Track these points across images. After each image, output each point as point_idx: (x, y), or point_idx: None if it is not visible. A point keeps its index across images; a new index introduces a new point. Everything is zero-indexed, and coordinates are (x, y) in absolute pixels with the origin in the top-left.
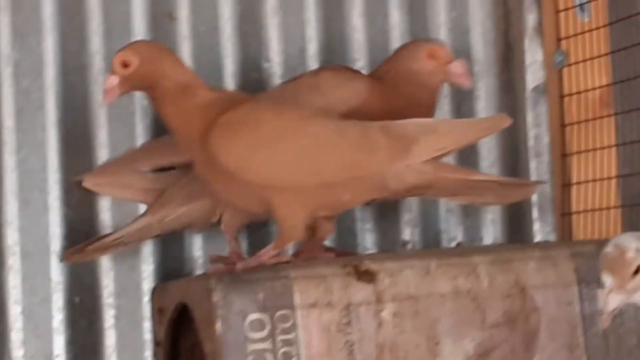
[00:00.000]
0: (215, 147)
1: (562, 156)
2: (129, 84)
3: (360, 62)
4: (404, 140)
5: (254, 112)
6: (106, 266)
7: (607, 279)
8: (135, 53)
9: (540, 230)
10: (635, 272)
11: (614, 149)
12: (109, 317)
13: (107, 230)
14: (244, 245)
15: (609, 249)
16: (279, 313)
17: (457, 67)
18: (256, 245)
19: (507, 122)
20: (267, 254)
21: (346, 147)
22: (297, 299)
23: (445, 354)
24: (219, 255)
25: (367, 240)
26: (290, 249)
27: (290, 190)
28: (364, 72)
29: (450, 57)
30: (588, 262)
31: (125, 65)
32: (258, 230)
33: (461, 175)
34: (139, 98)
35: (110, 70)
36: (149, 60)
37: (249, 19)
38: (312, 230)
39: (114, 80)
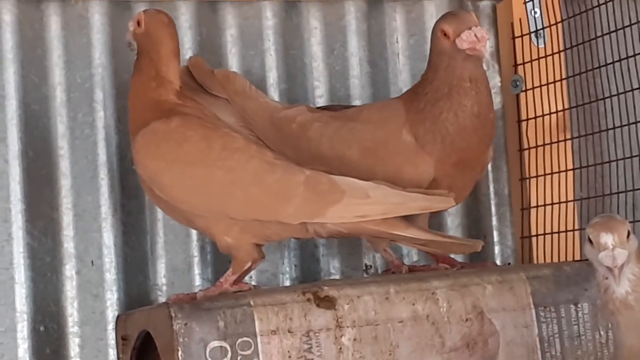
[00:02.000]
0: (135, 151)
1: (520, 180)
2: (132, 38)
3: (320, 89)
4: (324, 199)
5: (182, 127)
6: (70, 295)
7: (609, 237)
8: (147, 22)
9: (501, 253)
10: (627, 237)
11: (571, 173)
12: (73, 346)
13: (71, 260)
14: (208, 272)
15: (596, 219)
16: (239, 340)
17: (461, 42)
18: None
19: (450, 203)
20: (226, 280)
21: (259, 189)
22: (258, 326)
23: None
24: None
25: (330, 264)
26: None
27: (203, 217)
28: (323, 99)
29: (459, 30)
30: (544, 286)
31: (137, 24)
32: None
33: (385, 228)
34: (101, 128)
35: None
36: (150, 35)
37: (209, 49)
38: None
39: (130, 27)
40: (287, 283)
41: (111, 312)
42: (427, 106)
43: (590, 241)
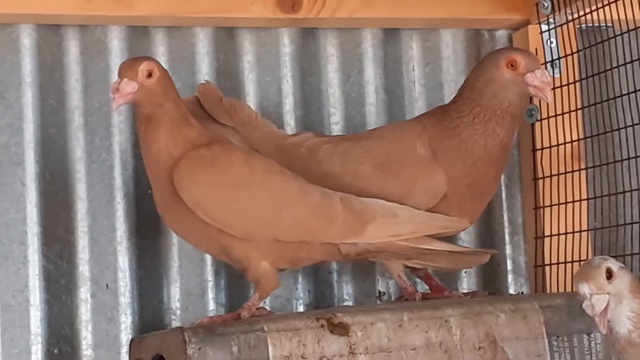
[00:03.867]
0: (179, 177)
1: (534, 209)
2: (143, 94)
3: (336, 116)
4: (362, 218)
5: (225, 153)
6: (85, 318)
7: (584, 287)
8: (157, 67)
9: (514, 282)
10: (609, 277)
11: (585, 202)
12: None
13: (86, 283)
14: (222, 296)
15: (576, 270)
16: None
17: (532, 78)
18: (234, 296)
19: (465, 225)
20: (253, 305)
21: (305, 210)
22: (272, 351)
23: None
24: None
25: (344, 290)
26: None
27: (245, 241)
28: (338, 126)
29: (532, 67)
30: (557, 315)
31: (149, 74)
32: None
33: (413, 244)
34: (118, 152)
35: (127, 76)
36: (166, 77)
37: (226, 74)
38: None
39: (135, 86)
40: (301, 309)
41: (125, 336)
42: (461, 126)
43: None
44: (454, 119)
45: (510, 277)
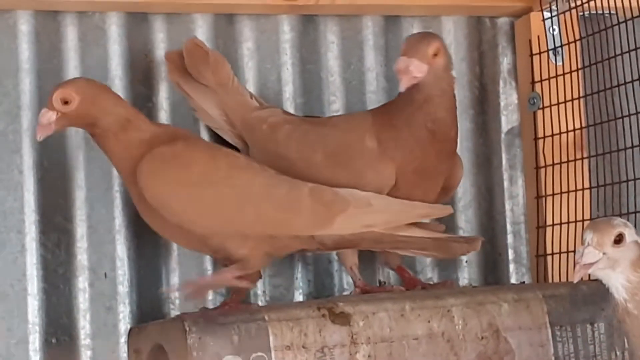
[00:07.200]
0: (141, 178)
1: (536, 198)
2: (67, 121)
3: (337, 104)
4: (331, 210)
5: (188, 150)
6: (83, 307)
7: (588, 235)
8: (76, 91)
9: (516, 271)
10: (618, 242)
11: (587, 192)
12: (85, 358)
13: (84, 272)
14: None
15: (598, 219)
16: (254, 355)
17: (395, 66)
18: None
19: (447, 211)
20: (230, 271)
21: (269, 204)
22: (272, 341)
23: None
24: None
25: (344, 280)
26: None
27: (217, 234)
28: (339, 114)
29: (402, 52)
30: (561, 305)
31: (65, 102)
32: None
33: (390, 231)
34: None
35: (47, 105)
36: (89, 98)
37: None
38: None
39: (52, 116)
40: (301, 298)
41: (124, 325)
42: (396, 115)
43: None
44: (393, 109)
45: (511, 267)
